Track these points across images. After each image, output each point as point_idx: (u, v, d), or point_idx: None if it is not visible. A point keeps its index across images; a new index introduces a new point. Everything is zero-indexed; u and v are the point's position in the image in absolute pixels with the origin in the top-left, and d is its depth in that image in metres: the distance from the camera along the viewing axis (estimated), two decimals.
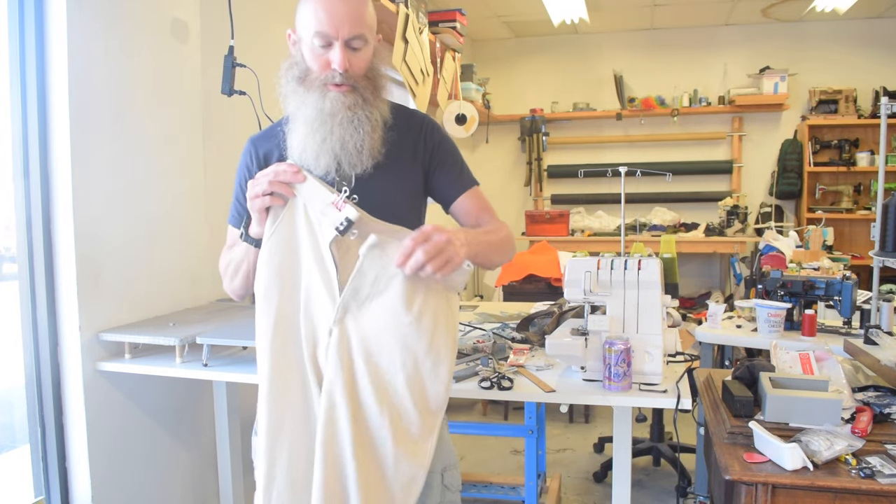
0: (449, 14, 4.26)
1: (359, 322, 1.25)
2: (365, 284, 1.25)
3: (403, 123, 1.43)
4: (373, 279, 1.25)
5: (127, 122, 2.15)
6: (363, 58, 1.34)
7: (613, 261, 1.78)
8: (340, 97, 1.31)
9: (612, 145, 5.96)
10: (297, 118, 1.36)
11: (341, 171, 1.34)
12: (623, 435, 1.87)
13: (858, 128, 5.34)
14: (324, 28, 1.29)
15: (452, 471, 1.43)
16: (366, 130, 1.33)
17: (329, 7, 1.29)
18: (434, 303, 1.27)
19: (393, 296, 1.24)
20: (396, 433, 1.23)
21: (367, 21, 1.32)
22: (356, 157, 1.33)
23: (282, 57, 1.49)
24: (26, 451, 2.03)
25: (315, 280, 1.27)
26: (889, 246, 2.51)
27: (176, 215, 2.37)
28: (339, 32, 1.29)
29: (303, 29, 1.34)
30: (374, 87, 1.36)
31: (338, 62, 1.30)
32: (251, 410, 2.65)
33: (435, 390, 1.26)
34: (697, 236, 5.29)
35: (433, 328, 1.25)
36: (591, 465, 3.43)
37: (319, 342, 1.27)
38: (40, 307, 1.98)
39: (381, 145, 1.37)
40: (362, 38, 1.32)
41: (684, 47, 5.77)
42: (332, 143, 1.32)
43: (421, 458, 1.24)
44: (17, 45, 1.93)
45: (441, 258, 1.19)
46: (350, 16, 1.29)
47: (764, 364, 1.66)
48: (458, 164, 1.50)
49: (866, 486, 1.25)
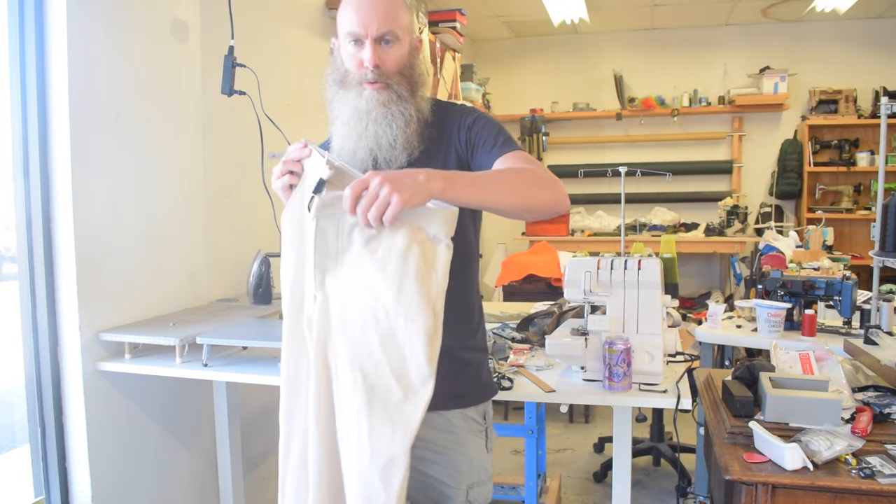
0: (449, 14, 4.26)
1: (337, 282, 1.19)
2: (329, 241, 1.18)
3: (442, 118, 1.43)
4: (334, 233, 1.17)
5: (127, 122, 2.15)
6: (395, 55, 1.34)
7: (613, 261, 1.78)
8: (375, 94, 1.33)
9: (612, 145, 5.96)
10: (337, 119, 1.37)
11: (378, 166, 1.35)
12: (623, 435, 1.87)
13: (858, 128, 5.34)
14: (354, 27, 1.31)
15: (480, 488, 1.41)
16: (399, 126, 1.34)
17: (359, 7, 1.31)
18: (401, 248, 1.13)
19: (358, 246, 1.16)
20: (372, 404, 1.12)
21: (398, 19, 1.33)
22: (390, 152, 1.34)
23: (281, 57, 1.49)
24: (26, 451, 2.03)
25: (308, 248, 1.22)
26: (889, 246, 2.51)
27: (176, 215, 2.37)
28: (369, 30, 1.30)
29: (339, 32, 1.37)
30: (409, 84, 1.37)
31: (368, 58, 1.31)
32: (251, 410, 2.66)
33: (412, 352, 1.12)
34: (697, 236, 5.29)
35: (400, 276, 1.12)
36: (591, 465, 3.43)
37: (305, 310, 1.23)
38: (40, 307, 1.98)
39: (419, 141, 1.37)
40: (393, 35, 1.33)
41: (684, 47, 5.77)
42: (367, 139, 1.33)
43: (400, 438, 1.11)
44: (17, 45, 1.93)
45: (376, 206, 1.06)
46: (379, 14, 1.31)
47: (764, 364, 1.66)
48: (493, 135, 1.39)
49: (866, 486, 1.25)
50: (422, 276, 1.13)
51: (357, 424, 1.13)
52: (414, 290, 1.12)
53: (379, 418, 1.12)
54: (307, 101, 3.06)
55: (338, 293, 1.19)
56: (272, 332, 2.04)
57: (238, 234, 2.70)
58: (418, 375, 1.12)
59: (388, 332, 1.13)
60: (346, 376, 1.15)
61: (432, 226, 1.14)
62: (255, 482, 2.70)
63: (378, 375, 1.13)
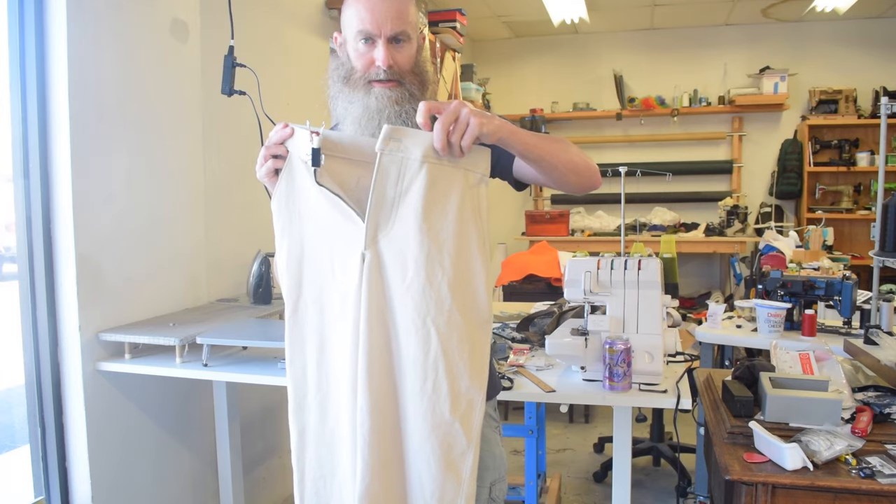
0: (449, 14, 4.26)
1: (393, 237, 1.16)
2: (388, 186, 1.15)
3: None
4: (396, 177, 1.15)
5: (127, 121, 2.15)
6: (407, 54, 1.33)
7: (613, 261, 1.78)
8: (386, 92, 1.31)
9: (612, 145, 5.96)
10: (346, 117, 1.35)
11: None
12: (623, 435, 1.87)
13: (858, 128, 5.33)
14: (366, 26, 1.29)
15: (501, 483, 1.42)
16: (413, 124, 1.32)
17: (370, 6, 1.29)
18: (459, 192, 1.17)
19: (417, 194, 1.14)
20: (450, 353, 1.12)
21: (409, 18, 1.32)
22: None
23: (281, 57, 1.49)
24: (26, 451, 2.03)
25: (329, 217, 1.19)
26: (889, 246, 2.51)
27: (176, 215, 2.37)
28: (382, 30, 1.29)
29: (347, 30, 1.34)
30: (420, 83, 1.36)
31: (381, 58, 1.30)
32: (251, 410, 2.66)
33: (476, 291, 1.16)
34: (697, 236, 5.29)
35: (460, 222, 1.16)
36: (591, 465, 3.43)
37: (351, 271, 1.18)
38: (40, 307, 1.98)
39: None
40: (405, 35, 1.32)
41: (684, 47, 5.77)
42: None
43: (478, 381, 1.15)
44: (17, 45, 1.93)
45: (460, 125, 1.10)
46: (392, 13, 1.29)
47: (764, 364, 1.66)
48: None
49: (866, 486, 1.25)
50: (476, 218, 1.18)
51: (434, 377, 1.13)
52: (473, 232, 1.17)
53: (456, 365, 1.13)
54: (307, 101, 3.06)
55: (395, 248, 1.15)
56: (272, 332, 2.04)
57: (238, 234, 2.70)
58: (484, 310, 1.17)
59: (456, 278, 1.14)
60: (417, 333, 1.13)
61: (479, 166, 1.18)
62: (255, 482, 2.70)
63: (451, 324, 1.14)
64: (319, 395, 1.21)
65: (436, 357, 1.13)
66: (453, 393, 1.13)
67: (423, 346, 1.13)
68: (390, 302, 1.16)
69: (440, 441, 1.13)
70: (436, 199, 1.15)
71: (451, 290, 1.14)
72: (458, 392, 1.13)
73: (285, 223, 1.22)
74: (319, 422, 1.22)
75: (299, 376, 1.23)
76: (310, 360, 1.22)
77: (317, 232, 1.21)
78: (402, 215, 1.15)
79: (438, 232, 1.15)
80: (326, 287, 1.21)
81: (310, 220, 1.22)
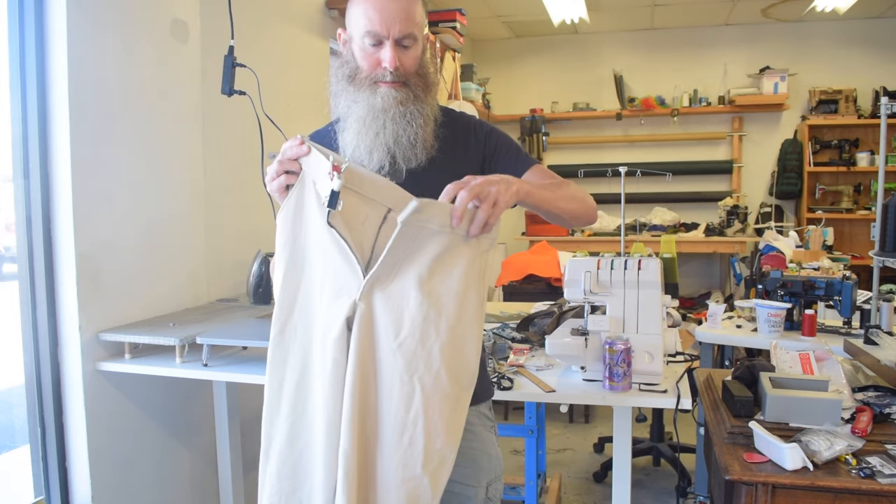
0: (449, 14, 4.26)
1: (389, 293, 1.16)
2: (399, 251, 1.15)
3: (452, 121, 1.43)
4: (409, 241, 1.15)
5: (127, 122, 2.15)
6: (413, 56, 1.34)
7: (613, 261, 1.78)
8: (392, 92, 1.31)
9: (612, 145, 5.96)
10: (350, 116, 1.35)
11: (396, 165, 1.34)
12: (623, 435, 1.87)
13: (858, 128, 5.34)
14: (374, 27, 1.29)
15: (497, 483, 1.43)
16: (419, 124, 1.33)
17: (379, 6, 1.28)
18: (467, 260, 1.17)
19: (428, 257, 1.15)
20: (430, 411, 1.13)
21: (416, 19, 1.32)
22: (410, 150, 1.33)
23: (281, 57, 1.49)
24: (26, 451, 2.03)
25: (329, 254, 1.18)
26: (889, 246, 2.51)
27: (176, 215, 2.37)
28: (390, 31, 1.28)
29: (353, 28, 1.33)
30: (425, 84, 1.36)
31: (388, 60, 1.29)
32: (251, 410, 2.66)
33: (467, 356, 1.17)
34: (697, 236, 5.29)
35: (465, 290, 1.16)
36: (591, 465, 3.43)
37: (340, 314, 1.17)
38: (40, 307, 1.98)
39: (434, 140, 1.37)
40: (412, 37, 1.31)
41: (684, 47, 5.77)
42: (385, 137, 1.31)
43: (453, 439, 1.16)
44: (17, 45, 1.93)
45: (489, 200, 1.11)
46: (401, 14, 1.28)
47: (764, 364, 1.66)
48: (513, 147, 1.47)
49: (866, 486, 1.25)
50: (479, 282, 1.18)
51: (412, 432, 1.14)
52: (474, 297, 1.17)
53: (435, 423, 1.14)
54: (307, 101, 3.06)
55: (391, 304, 1.15)
56: None
57: (238, 234, 2.70)
58: (471, 375, 1.18)
59: (450, 342, 1.15)
60: (403, 388, 1.14)
61: (491, 233, 1.17)
62: (255, 482, 2.69)
63: (437, 384, 1.14)
64: (292, 416, 1.21)
65: (416, 414, 1.13)
66: (427, 450, 1.13)
67: (406, 401, 1.13)
68: (378, 353, 1.15)
69: (407, 494, 1.14)
70: (443, 264, 1.15)
71: (442, 354, 1.14)
72: (432, 450, 1.14)
73: (288, 240, 1.21)
74: (287, 442, 1.21)
75: (275, 391, 1.22)
76: (288, 380, 1.21)
77: (316, 263, 1.21)
78: (404, 272, 1.15)
79: (440, 296, 1.15)
80: (317, 320, 1.20)
81: (313, 248, 1.21)
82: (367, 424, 1.15)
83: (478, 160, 1.44)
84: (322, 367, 1.18)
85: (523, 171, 1.41)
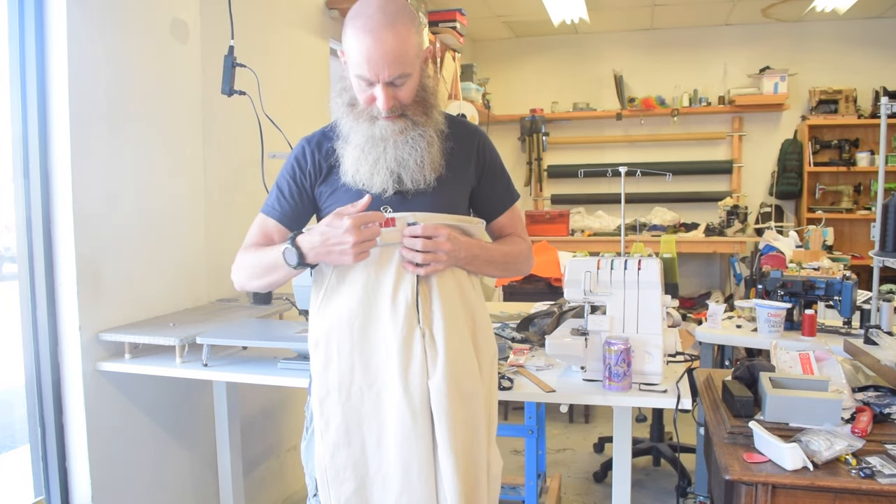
0: (449, 14, 4.26)
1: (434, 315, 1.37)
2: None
3: (458, 133, 1.45)
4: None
5: (127, 121, 2.15)
6: (409, 89, 1.34)
7: (613, 261, 1.78)
8: (389, 125, 1.33)
9: (612, 145, 5.96)
10: (349, 141, 1.37)
11: (403, 186, 1.36)
12: (623, 435, 1.87)
13: (858, 128, 5.33)
14: (364, 73, 1.28)
15: (494, 483, 1.44)
16: (422, 147, 1.35)
17: (368, 53, 1.26)
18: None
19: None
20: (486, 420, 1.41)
21: (408, 57, 1.29)
22: (418, 171, 1.35)
23: (281, 57, 1.49)
24: (26, 451, 2.03)
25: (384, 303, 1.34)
26: (889, 246, 2.51)
27: (176, 215, 2.37)
28: (380, 76, 1.28)
29: (348, 58, 1.33)
30: (423, 108, 1.37)
31: (382, 103, 1.30)
32: (251, 410, 2.66)
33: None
34: (697, 236, 5.29)
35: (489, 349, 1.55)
36: (591, 465, 3.43)
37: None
38: (40, 307, 1.98)
39: (442, 158, 1.39)
40: (405, 75, 1.30)
41: (684, 47, 5.76)
42: (386, 161, 1.33)
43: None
44: (17, 45, 1.93)
45: (436, 258, 1.32)
46: (389, 58, 1.26)
47: (764, 364, 1.66)
48: (505, 178, 1.54)
49: (866, 486, 1.25)
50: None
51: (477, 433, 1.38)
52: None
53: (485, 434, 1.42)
54: (307, 101, 3.06)
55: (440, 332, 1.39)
56: (272, 332, 2.04)
57: (238, 234, 2.68)
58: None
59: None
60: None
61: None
62: (255, 482, 2.70)
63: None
64: (380, 474, 1.35)
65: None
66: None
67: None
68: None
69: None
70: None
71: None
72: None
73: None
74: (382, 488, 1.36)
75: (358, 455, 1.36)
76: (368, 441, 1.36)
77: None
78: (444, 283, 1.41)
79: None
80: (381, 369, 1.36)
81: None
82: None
83: (475, 177, 1.48)
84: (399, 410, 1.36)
85: (504, 210, 1.53)
